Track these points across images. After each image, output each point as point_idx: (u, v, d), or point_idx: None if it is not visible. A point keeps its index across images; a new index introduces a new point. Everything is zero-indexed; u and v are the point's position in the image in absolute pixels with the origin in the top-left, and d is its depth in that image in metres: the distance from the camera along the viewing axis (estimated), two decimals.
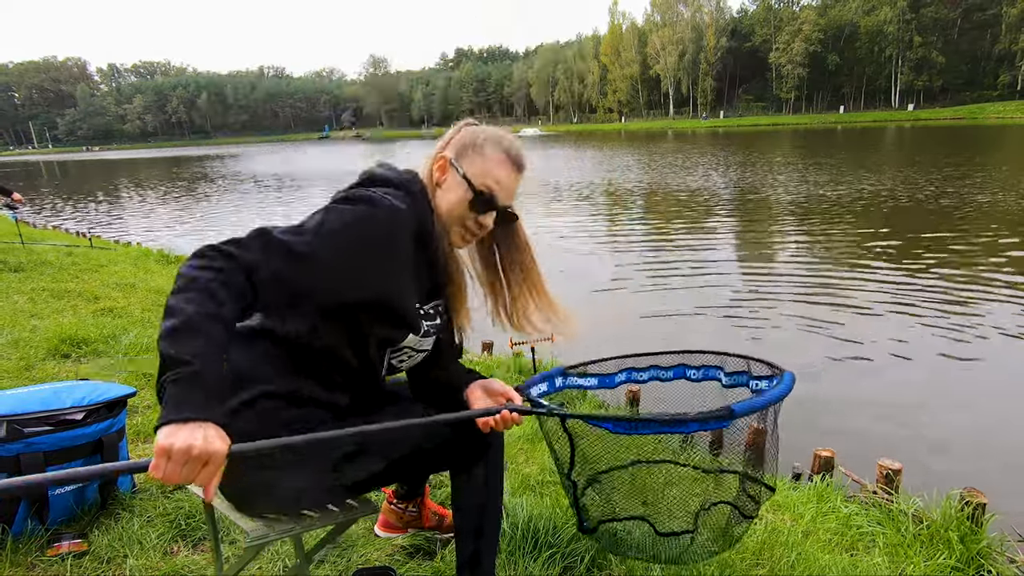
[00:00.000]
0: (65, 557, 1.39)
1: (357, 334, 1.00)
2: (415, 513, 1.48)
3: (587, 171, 19.48)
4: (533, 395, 1.18)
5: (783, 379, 1.08)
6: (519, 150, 1.09)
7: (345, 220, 0.92)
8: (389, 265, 0.96)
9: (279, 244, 0.86)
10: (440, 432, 1.05)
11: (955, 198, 10.41)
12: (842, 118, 56.25)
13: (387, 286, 0.97)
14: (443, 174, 1.07)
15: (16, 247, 6.09)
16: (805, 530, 1.86)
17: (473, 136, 1.08)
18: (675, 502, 1.17)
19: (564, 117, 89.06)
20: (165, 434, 0.71)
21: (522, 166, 1.09)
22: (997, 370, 4.05)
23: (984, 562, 1.81)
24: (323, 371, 1.02)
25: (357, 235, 0.92)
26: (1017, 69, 51.15)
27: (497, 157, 1.06)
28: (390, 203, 0.96)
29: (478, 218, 1.06)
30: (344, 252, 0.91)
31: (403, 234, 0.97)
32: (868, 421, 3.41)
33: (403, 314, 1.01)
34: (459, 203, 1.05)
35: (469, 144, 1.07)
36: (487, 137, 1.08)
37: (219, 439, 0.74)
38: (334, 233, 0.90)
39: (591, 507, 1.22)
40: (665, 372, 1.34)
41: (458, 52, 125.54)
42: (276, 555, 1.45)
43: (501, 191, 1.06)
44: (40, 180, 30.31)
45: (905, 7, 54.21)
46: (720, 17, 69.68)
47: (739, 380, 1.24)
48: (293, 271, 0.87)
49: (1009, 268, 6.22)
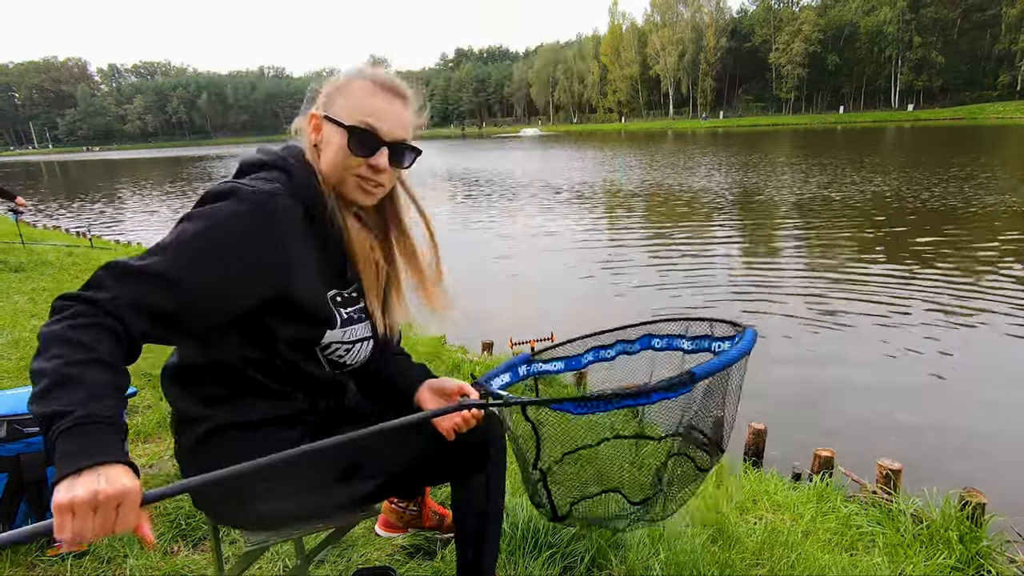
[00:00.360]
0: (65, 557, 1.39)
1: (271, 341, 0.90)
2: (416, 512, 1.48)
3: (589, 171, 19.48)
4: (494, 387, 1.12)
5: (744, 336, 1.06)
6: (390, 77, 0.94)
7: (206, 224, 0.80)
8: (270, 258, 0.84)
9: (131, 271, 0.75)
10: (440, 445, 1.02)
11: (959, 198, 10.41)
12: (842, 118, 56.25)
13: (275, 282, 0.85)
14: (318, 132, 0.94)
15: (16, 247, 6.09)
16: (805, 530, 1.86)
17: (337, 81, 0.95)
18: (641, 471, 1.18)
19: (564, 117, 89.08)
20: (61, 491, 0.61)
21: (398, 90, 0.94)
22: (997, 370, 4.05)
23: (984, 562, 1.81)
24: (261, 388, 0.94)
25: (223, 238, 0.80)
26: (1017, 69, 51.16)
27: (364, 86, 0.92)
28: (255, 190, 0.84)
29: (367, 161, 0.91)
30: (210, 260, 0.79)
31: (280, 219, 0.85)
32: (868, 421, 3.41)
33: (307, 308, 0.90)
34: (339, 151, 0.91)
35: (334, 90, 0.94)
36: (351, 75, 0.95)
37: (125, 476, 0.64)
38: (196, 237, 0.79)
39: (559, 493, 1.21)
40: (631, 346, 1.32)
41: (458, 52, 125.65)
42: (276, 555, 1.45)
43: (381, 122, 0.91)
44: (41, 180, 30.32)
45: (905, 7, 54.24)
46: (720, 17, 69.72)
47: (701, 345, 1.24)
48: (156, 296, 0.75)
49: (1010, 268, 6.22)
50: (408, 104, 0.95)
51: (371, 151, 0.91)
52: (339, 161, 0.91)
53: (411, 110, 0.96)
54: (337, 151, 0.91)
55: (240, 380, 0.93)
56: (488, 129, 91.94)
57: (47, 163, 53.00)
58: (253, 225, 0.82)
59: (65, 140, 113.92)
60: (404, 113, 0.94)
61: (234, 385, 0.93)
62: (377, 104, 0.92)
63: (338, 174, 0.92)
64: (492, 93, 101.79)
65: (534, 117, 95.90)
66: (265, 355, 0.92)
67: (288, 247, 0.86)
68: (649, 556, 1.46)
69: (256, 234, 0.83)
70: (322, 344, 0.96)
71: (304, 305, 0.90)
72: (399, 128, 0.93)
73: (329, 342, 0.96)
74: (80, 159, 58.73)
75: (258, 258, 0.83)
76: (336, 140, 0.91)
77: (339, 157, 0.91)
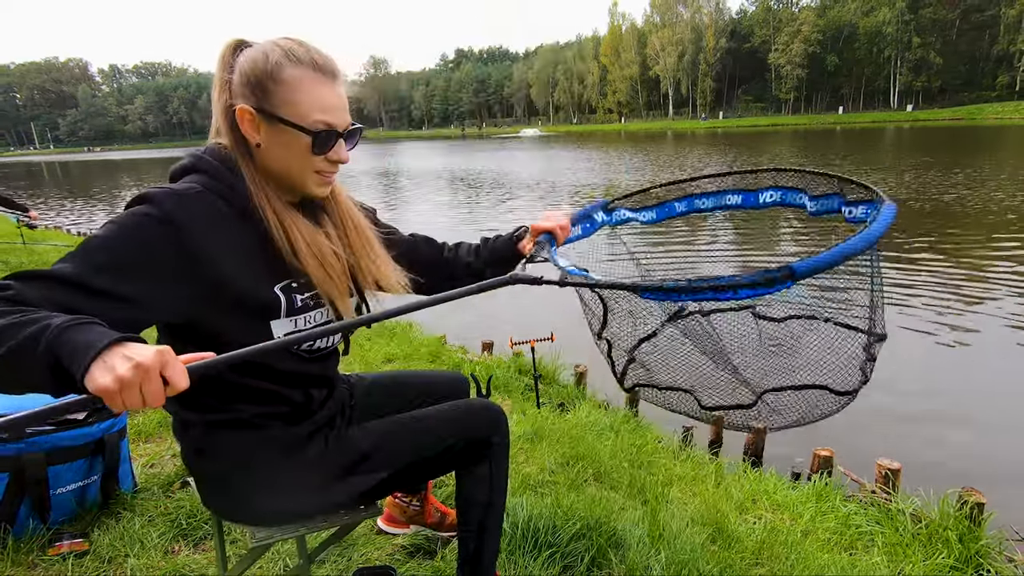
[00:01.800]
0: (66, 556, 1.39)
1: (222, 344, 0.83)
2: (418, 508, 1.49)
3: (596, 172, 19.46)
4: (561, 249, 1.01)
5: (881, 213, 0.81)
6: (323, 56, 0.88)
7: (113, 230, 0.77)
8: (182, 258, 0.80)
9: (37, 275, 0.71)
10: (444, 437, 1.04)
11: (957, 196, 10.43)
12: (841, 119, 56.29)
13: (194, 280, 0.81)
14: (256, 131, 0.87)
15: (17, 247, 6.10)
16: (804, 529, 1.86)
17: (260, 66, 0.85)
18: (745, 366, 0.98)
19: (564, 118, 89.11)
20: (96, 374, 0.59)
21: (335, 70, 0.89)
22: (997, 369, 4.06)
23: (982, 561, 1.81)
24: (245, 390, 0.92)
25: (128, 243, 0.77)
26: (1015, 70, 51.22)
27: (306, 76, 0.85)
28: (167, 192, 0.81)
29: (327, 156, 0.88)
30: (114, 265, 0.75)
31: (194, 220, 0.81)
32: (867, 421, 3.42)
33: (243, 300, 0.86)
34: (299, 155, 0.87)
35: (263, 78, 0.85)
36: (276, 58, 0.85)
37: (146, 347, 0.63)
38: (103, 242, 0.76)
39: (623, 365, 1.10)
40: (733, 196, 1.11)
41: (458, 53, 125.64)
42: (277, 554, 1.46)
43: (335, 116, 0.87)
44: (42, 180, 30.32)
45: (904, 8, 54.28)
46: (719, 18, 69.75)
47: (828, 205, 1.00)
48: (63, 296, 0.71)
49: (1012, 268, 6.23)
50: (342, 81, 0.91)
51: (332, 147, 0.89)
52: (300, 162, 0.88)
53: (345, 86, 0.91)
54: (297, 153, 0.87)
55: (222, 385, 0.91)
56: (488, 130, 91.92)
57: (48, 163, 53.01)
58: (161, 229, 0.78)
59: (66, 140, 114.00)
60: (344, 95, 0.90)
61: (219, 390, 0.91)
62: (326, 96, 0.87)
63: (298, 174, 0.89)
64: (492, 94, 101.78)
65: (534, 118, 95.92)
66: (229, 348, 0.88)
67: (207, 245, 0.81)
68: (649, 555, 1.47)
69: (163, 237, 0.78)
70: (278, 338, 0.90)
71: (239, 298, 0.85)
72: (347, 113, 0.90)
73: (286, 333, 0.91)
74: (81, 159, 58.73)
75: (166, 260, 0.78)
76: (293, 143, 0.86)
77: (299, 162, 0.88)
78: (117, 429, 1.61)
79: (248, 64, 0.86)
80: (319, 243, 0.92)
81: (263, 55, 0.86)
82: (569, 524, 1.53)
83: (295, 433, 0.97)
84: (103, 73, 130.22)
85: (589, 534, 1.51)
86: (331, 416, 1.05)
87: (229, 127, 0.88)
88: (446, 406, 1.11)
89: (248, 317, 0.88)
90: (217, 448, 0.94)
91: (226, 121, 0.88)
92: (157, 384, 0.62)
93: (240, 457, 0.94)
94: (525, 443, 2.25)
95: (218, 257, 0.83)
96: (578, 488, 1.85)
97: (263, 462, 0.95)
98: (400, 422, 1.07)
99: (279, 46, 0.86)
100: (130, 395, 0.60)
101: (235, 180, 0.87)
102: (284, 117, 0.85)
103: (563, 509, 1.60)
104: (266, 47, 0.87)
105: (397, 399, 1.20)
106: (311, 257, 0.91)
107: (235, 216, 0.86)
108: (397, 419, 1.08)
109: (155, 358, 0.61)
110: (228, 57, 0.88)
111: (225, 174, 0.87)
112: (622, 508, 1.72)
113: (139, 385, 0.60)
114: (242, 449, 0.94)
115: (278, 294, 0.90)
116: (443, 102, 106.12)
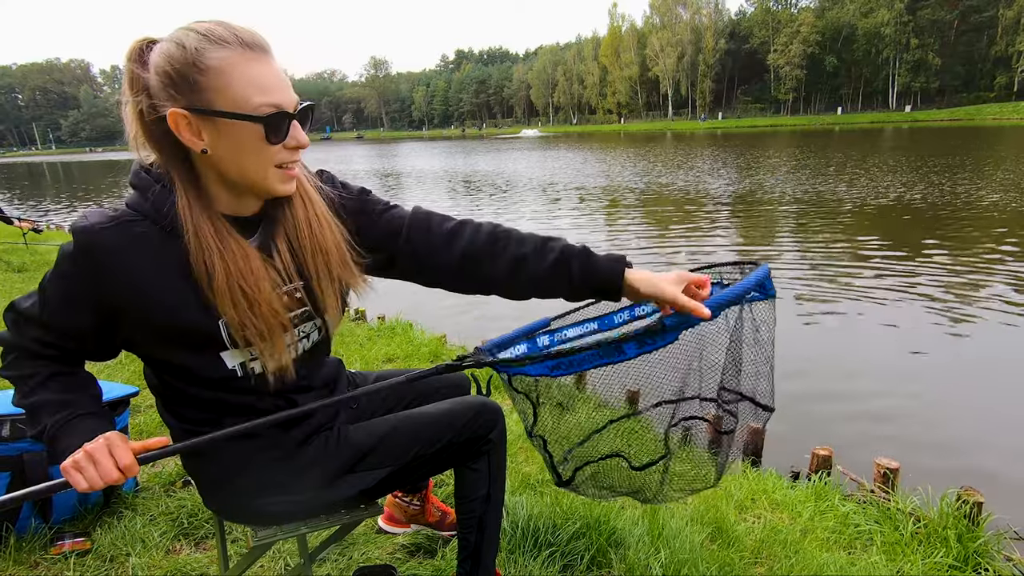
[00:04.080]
0: (68, 555, 1.40)
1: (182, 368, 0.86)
2: (419, 507, 1.50)
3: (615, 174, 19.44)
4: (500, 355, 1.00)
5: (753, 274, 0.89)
6: (246, 30, 0.76)
7: (53, 271, 0.81)
8: (105, 294, 0.78)
9: (21, 316, 0.86)
10: (443, 434, 1.05)
11: (953, 195, 10.44)
12: (840, 119, 56.33)
13: (120, 316, 0.80)
14: (198, 135, 0.75)
15: (19, 247, 6.11)
16: (803, 529, 1.87)
17: (179, 58, 0.73)
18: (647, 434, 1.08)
19: (564, 118, 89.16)
20: (65, 460, 0.78)
21: (264, 44, 0.77)
22: (996, 369, 4.07)
23: (981, 560, 1.82)
24: (225, 405, 0.89)
25: (61, 282, 0.80)
26: (1014, 71, 51.28)
27: (235, 58, 0.73)
28: (84, 228, 0.76)
29: (284, 144, 0.78)
30: (59, 303, 0.81)
31: (114, 252, 0.76)
32: (866, 420, 3.42)
33: (181, 330, 0.81)
34: (253, 150, 0.76)
35: (187, 71, 0.73)
36: (195, 44, 0.73)
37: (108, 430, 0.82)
38: (48, 283, 0.82)
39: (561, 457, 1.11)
40: None
41: (458, 53, 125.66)
42: (278, 553, 1.46)
43: (280, 95, 0.76)
44: (44, 180, 30.30)
45: (902, 9, 54.36)
46: (719, 19, 69.83)
47: None
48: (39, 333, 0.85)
49: (1012, 268, 6.24)
50: (273, 55, 0.78)
51: (287, 132, 0.77)
52: (256, 158, 0.77)
53: (276, 59, 0.79)
54: (250, 148, 0.76)
55: (203, 402, 0.89)
56: (488, 130, 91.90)
57: (50, 164, 52.96)
58: (76, 266, 0.77)
59: (68, 141, 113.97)
60: (282, 72, 0.78)
61: (202, 406, 0.90)
62: (264, 75, 0.75)
63: (256, 172, 0.78)
64: (492, 94, 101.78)
65: (534, 118, 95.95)
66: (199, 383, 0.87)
67: (125, 275, 0.76)
68: (649, 555, 1.47)
69: (79, 274, 0.77)
70: (233, 367, 0.85)
71: (171, 326, 0.80)
72: (291, 91, 0.78)
73: (242, 361, 0.85)
74: (83, 160, 58.69)
75: (85, 294, 0.78)
76: (244, 136, 0.75)
77: (255, 152, 0.76)
78: (118, 429, 1.61)
79: (163, 59, 0.73)
80: (248, 269, 0.80)
81: (177, 45, 0.73)
82: (569, 523, 1.53)
83: (291, 437, 0.96)
84: (105, 74, 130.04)
85: (589, 533, 1.51)
86: (329, 416, 1.04)
87: (151, 135, 0.77)
88: (445, 403, 1.12)
89: (191, 347, 0.83)
90: (216, 453, 0.94)
91: (146, 130, 0.77)
92: (107, 464, 0.77)
93: (239, 460, 0.94)
94: (525, 442, 2.26)
95: (140, 284, 0.77)
96: None
97: (262, 463, 0.95)
98: (400, 420, 1.08)
99: (193, 30, 0.74)
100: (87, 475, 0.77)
101: (166, 197, 0.78)
102: (222, 109, 0.73)
103: (563, 508, 1.61)
104: (178, 35, 0.74)
105: (397, 397, 1.21)
106: (225, 294, 0.79)
107: (164, 242, 0.78)
108: (397, 417, 1.09)
109: (98, 444, 0.78)
110: (136, 58, 0.76)
111: (157, 192, 0.78)
112: (622, 507, 1.73)
113: (91, 467, 0.77)
114: (240, 454, 0.94)
115: (217, 324, 0.81)
116: (443, 103, 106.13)
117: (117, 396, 1.61)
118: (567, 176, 18.50)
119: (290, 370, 0.89)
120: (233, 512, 1.02)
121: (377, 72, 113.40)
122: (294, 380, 0.91)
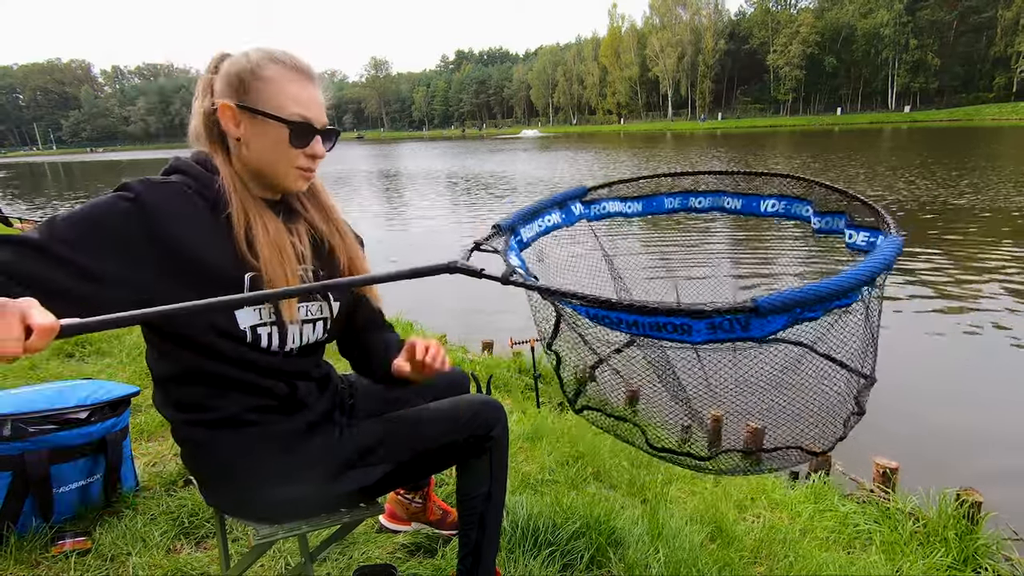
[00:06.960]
0: (69, 555, 1.40)
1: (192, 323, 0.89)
2: (420, 505, 1.50)
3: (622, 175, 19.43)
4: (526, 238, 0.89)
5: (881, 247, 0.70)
6: (300, 59, 0.94)
7: (90, 206, 0.82)
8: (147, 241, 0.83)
9: (10, 239, 0.75)
10: (444, 432, 1.06)
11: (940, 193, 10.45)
12: (839, 119, 56.34)
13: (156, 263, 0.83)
14: (237, 125, 0.91)
15: None
16: (803, 528, 1.87)
17: (242, 66, 0.91)
18: None
19: (564, 119, 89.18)
20: None
21: (312, 73, 0.95)
22: (995, 369, 4.07)
23: (980, 560, 1.83)
24: (227, 381, 0.93)
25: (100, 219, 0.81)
26: (1012, 72, 51.32)
27: (283, 74, 0.91)
28: (144, 181, 0.86)
29: (304, 151, 0.93)
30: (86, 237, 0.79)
31: (166, 206, 0.85)
32: (865, 420, 3.42)
33: (211, 282, 0.86)
34: (277, 146, 0.91)
35: (245, 76, 0.90)
36: (257, 59, 0.91)
37: None
38: (77, 215, 0.80)
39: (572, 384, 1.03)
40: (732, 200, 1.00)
41: (458, 54, 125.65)
42: (278, 552, 1.46)
43: (312, 112, 0.92)
44: (45, 180, 30.33)
45: (902, 10, 54.39)
46: (718, 20, 69.87)
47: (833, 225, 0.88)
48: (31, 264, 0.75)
49: (1013, 268, 6.25)
50: (319, 85, 0.96)
51: (309, 142, 0.93)
52: (279, 155, 0.92)
53: (321, 90, 0.96)
54: (276, 145, 0.91)
55: (207, 376, 0.92)
56: (489, 131, 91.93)
57: (51, 164, 53.01)
58: (128, 207, 0.82)
59: (69, 141, 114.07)
60: (322, 99, 0.96)
61: (206, 380, 0.93)
62: (304, 93, 0.93)
63: (278, 167, 0.93)
64: (492, 95, 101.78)
65: (534, 118, 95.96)
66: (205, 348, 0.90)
67: (173, 227, 0.85)
68: (648, 554, 1.48)
69: (129, 215, 0.82)
70: (244, 329, 0.91)
71: (203, 277, 0.86)
72: (323, 113, 0.95)
73: (254, 324, 0.92)
74: (83, 160, 58.72)
75: (129, 236, 0.81)
76: (272, 135, 0.91)
77: (278, 153, 0.92)
78: (119, 428, 1.61)
79: (231, 66, 0.92)
80: (281, 237, 0.94)
81: (244, 56, 0.93)
82: (569, 523, 1.54)
83: (292, 427, 0.98)
84: (105, 74, 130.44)
85: (589, 532, 1.51)
86: (328, 411, 1.06)
87: (208, 127, 0.94)
88: (446, 402, 1.12)
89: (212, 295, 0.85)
90: (217, 445, 0.95)
91: (205, 123, 0.94)
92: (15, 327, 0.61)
93: (241, 452, 0.95)
94: (525, 442, 2.26)
95: (185, 239, 0.86)
96: (578, 487, 1.86)
97: (264, 456, 0.96)
98: (401, 418, 1.08)
99: (261, 49, 0.93)
100: None
101: (210, 178, 0.91)
102: (263, 110, 0.90)
103: (563, 508, 1.61)
104: (248, 50, 0.94)
105: (397, 396, 1.21)
106: (267, 246, 0.91)
107: (207, 208, 0.90)
108: (398, 415, 1.10)
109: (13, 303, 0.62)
110: (213, 65, 0.95)
111: (201, 172, 0.92)
112: (622, 507, 1.73)
113: None
114: (242, 445, 0.95)
115: (243, 277, 0.90)
116: (443, 103, 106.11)
117: (118, 396, 1.61)
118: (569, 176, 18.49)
119: (296, 317, 0.97)
120: (234, 507, 1.02)
121: (377, 72, 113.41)
122: (294, 362, 0.98)
